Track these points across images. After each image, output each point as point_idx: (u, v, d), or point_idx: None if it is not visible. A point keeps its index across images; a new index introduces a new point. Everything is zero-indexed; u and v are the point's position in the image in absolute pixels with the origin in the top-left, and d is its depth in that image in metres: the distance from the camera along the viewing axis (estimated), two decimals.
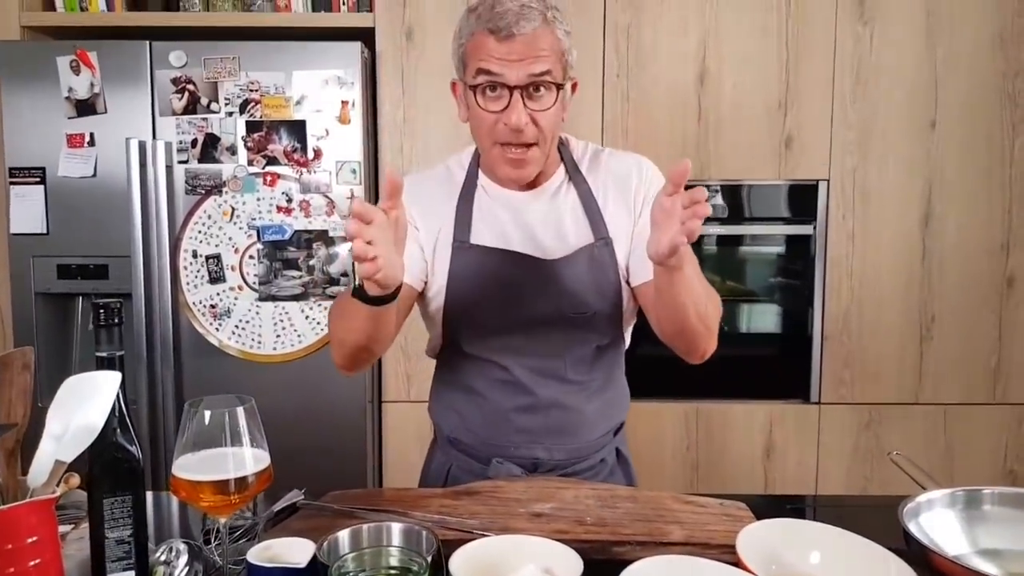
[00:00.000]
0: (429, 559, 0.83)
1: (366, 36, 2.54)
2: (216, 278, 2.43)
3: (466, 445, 1.46)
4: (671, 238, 1.07)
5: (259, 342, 2.44)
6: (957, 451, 2.62)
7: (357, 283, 1.13)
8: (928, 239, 2.60)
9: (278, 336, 2.44)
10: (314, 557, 0.96)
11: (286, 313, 2.44)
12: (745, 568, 0.97)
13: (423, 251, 1.40)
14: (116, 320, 0.98)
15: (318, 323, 2.44)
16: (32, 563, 0.88)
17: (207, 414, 0.99)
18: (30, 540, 0.88)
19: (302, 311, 2.44)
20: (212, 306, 2.44)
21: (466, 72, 1.32)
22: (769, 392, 2.66)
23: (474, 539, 1.04)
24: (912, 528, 1.08)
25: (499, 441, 1.42)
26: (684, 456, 2.62)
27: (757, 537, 1.05)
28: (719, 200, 2.60)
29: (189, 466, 0.98)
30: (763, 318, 2.72)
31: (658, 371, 2.53)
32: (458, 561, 0.97)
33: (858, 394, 2.63)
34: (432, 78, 2.55)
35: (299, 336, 2.45)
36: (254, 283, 2.44)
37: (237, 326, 2.44)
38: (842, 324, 2.62)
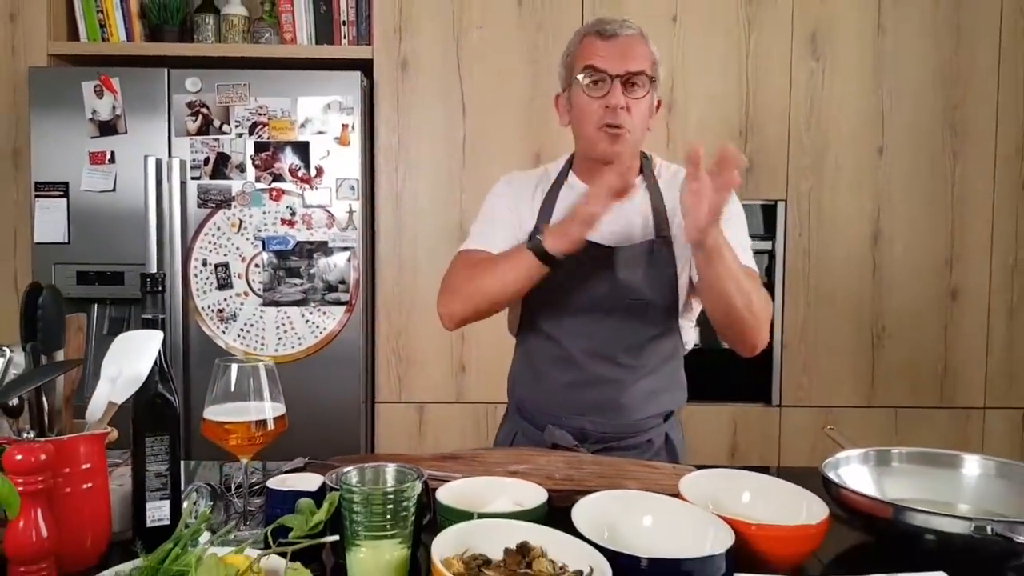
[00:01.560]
0: (420, 476, 1.02)
1: (365, 66, 2.75)
2: (224, 285, 2.62)
3: (528, 413, 1.67)
4: (698, 219, 1.28)
5: (262, 344, 2.62)
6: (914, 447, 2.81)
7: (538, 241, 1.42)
8: (878, 255, 2.81)
9: (280, 339, 2.63)
10: (323, 483, 1.15)
11: (288, 317, 2.63)
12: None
13: (516, 228, 1.62)
14: (160, 288, 1.19)
15: (317, 326, 2.63)
16: (85, 486, 1.07)
17: (234, 369, 1.19)
18: (84, 467, 1.07)
19: (302, 315, 2.63)
20: (220, 310, 2.62)
21: (573, 73, 1.55)
22: (733, 395, 2.85)
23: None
24: (831, 476, 1.26)
25: (553, 411, 1.62)
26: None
27: (697, 482, 1.23)
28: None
29: (218, 413, 1.18)
30: None
31: None
32: (444, 494, 1.16)
33: (816, 397, 2.82)
34: (424, 105, 2.76)
35: (299, 339, 2.63)
36: (259, 290, 2.63)
37: (242, 329, 2.63)
38: (800, 333, 2.82)
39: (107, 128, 2.59)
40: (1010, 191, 2.80)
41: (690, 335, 1.71)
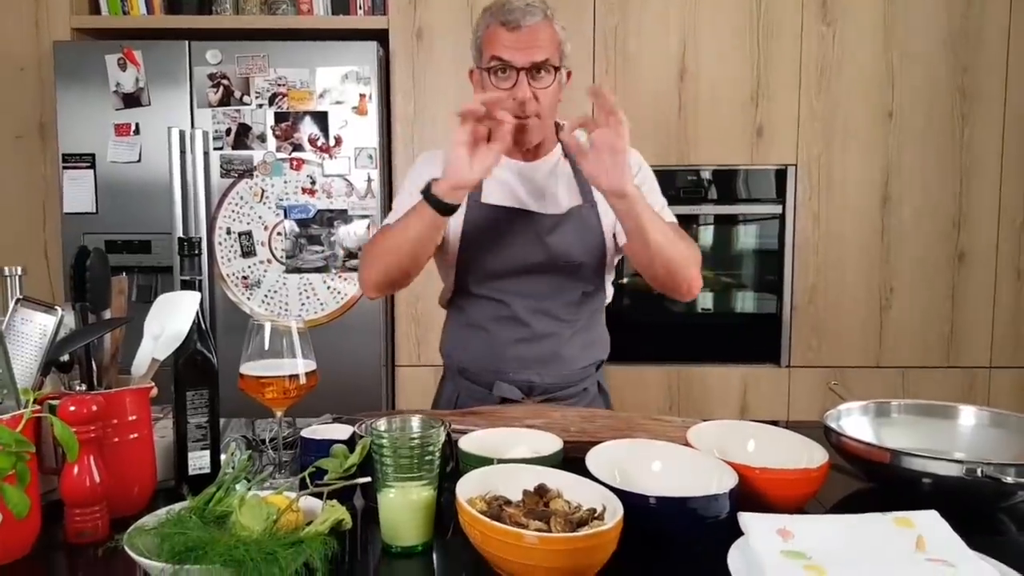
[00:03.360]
0: (444, 427, 1.09)
1: (381, 36, 2.79)
2: (248, 252, 2.70)
3: (472, 373, 1.73)
4: (602, 172, 1.37)
5: (286, 309, 2.71)
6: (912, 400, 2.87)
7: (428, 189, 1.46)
8: (886, 218, 2.85)
9: (303, 304, 2.71)
10: (353, 433, 1.23)
11: (310, 284, 2.71)
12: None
13: None
14: (197, 251, 1.26)
15: (338, 292, 2.71)
16: (132, 436, 1.15)
17: (268, 328, 1.26)
18: (131, 418, 1.15)
19: (324, 282, 2.71)
20: (244, 277, 2.70)
21: (482, 59, 1.59)
22: (743, 356, 2.91)
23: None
24: (832, 426, 1.32)
25: (500, 367, 1.69)
26: (665, 414, 2.86)
27: (705, 432, 1.29)
28: (702, 181, 2.86)
29: (255, 368, 1.25)
30: (738, 289, 2.97)
31: (642, 337, 2.79)
32: (465, 443, 1.23)
33: (824, 358, 2.87)
34: (440, 74, 2.81)
35: (321, 304, 2.71)
36: (281, 257, 2.70)
37: (266, 295, 2.71)
38: (809, 295, 2.87)
39: (131, 100, 2.65)
40: (1018, 153, 2.82)
41: (610, 289, 1.78)
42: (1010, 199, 2.83)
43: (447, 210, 1.46)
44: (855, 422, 1.40)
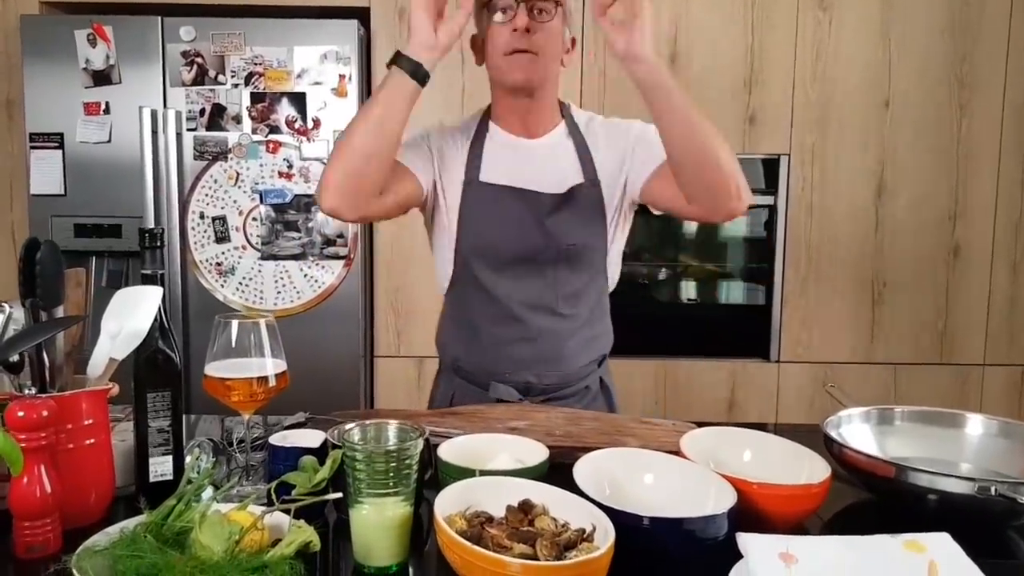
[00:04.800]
0: (422, 434, 1.02)
1: (362, 15, 2.71)
2: (222, 238, 2.61)
3: (467, 372, 1.65)
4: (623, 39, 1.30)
5: (261, 298, 2.62)
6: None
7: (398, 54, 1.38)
8: (881, 210, 2.80)
9: (279, 292, 2.63)
10: (324, 440, 1.15)
11: (286, 271, 2.62)
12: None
13: (435, 171, 1.58)
14: (158, 243, 1.18)
15: (315, 280, 2.63)
16: (88, 442, 1.07)
17: (235, 325, 1.18)
18: (87, 422, 1.07)
19: (301, 269, 2.63)
20: (218, 264, 2.62)
21: (484, 14, 1.50)
22: (732, 350, 2.86)
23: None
24: (832, 435, 1.26)
25: (496, 368, 1.60)
26: (653, 410, 2.82)
27: (698, 439, 1.24)
28: None
29: (220, 369, 1.17)
30: (727, 282, 2.91)
31: (630, 329, 2.72)
32: (445, 451, 1.17)
33: (815, 353, 2.83)
34: None
35: (298, 292, 2.63)
36: (256, 243, 2.62)
37: (241, 283, 2.62)
38: (800, 288, 2.82)
39: (101, 78, 2.55)
40: (1017, 146, 2.78)
41: (614, 272, 1.69)
42: (1007, 192, 2.78)
43: (418, 73, 1.37)
44: (856, 430, 1.34)
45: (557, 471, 1.10)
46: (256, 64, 2.56)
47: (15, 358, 1.09)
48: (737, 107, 2.75)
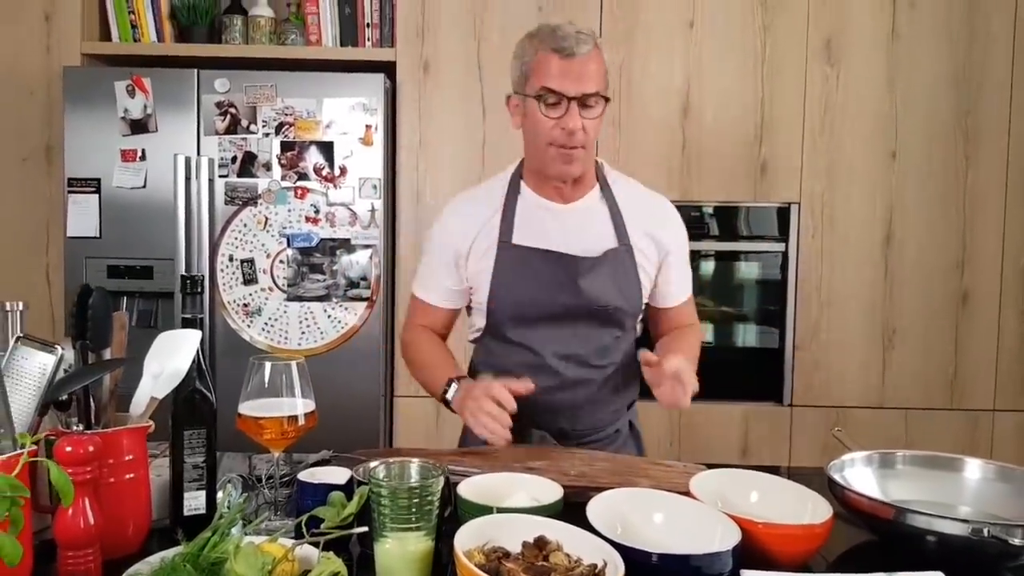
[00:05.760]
0: (443, 472, 1.08)
1: (388, 68, 2.81)
2: (249, 280, 2.69)
3: None
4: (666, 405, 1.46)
5: (286, 338, 2.69)
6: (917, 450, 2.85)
7: (450, 396, 1.59)
8: (890, 258, 2.84)
9: (303, 333, 2.70)
10: (351, 477, 1.21)
11: (311, 312, 2.70)
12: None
13: (460, 269, 1.66)
14: (199, 289, 1.25)
15: (339, 321, 2.70)
16: (128, 476, 1.14)
17: (268, 366, 1.25)
18: (127, 458, 1.14)
19: (325, 311, 2.70)
20: (245, 305, 2.70)
21: (528, 86, 1.55)
22: (745, 393, 2.89)
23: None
24: (835, 478, 1.30)
25: (530, 415, 1.61)
26: (668, 451, 2.85)
27: (707, 480, 1.29)
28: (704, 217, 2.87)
29: (253, 408, 1.24)
30: (740, 326, 2.96)
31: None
32: (464, 488, 1.22)
33: (827, 397, 2.86)
34: (445, 106, 2.82)
35: (322, 333, 2.70)
36: (283, 285, 2.70)
37: (267, 323, 2.70)
38: (812, 333, 2.86)
39: (138, 127, 2.66)
40: (1022, 195, 2.82)
41: (639, 326, 1.76)
42: (1013, 241, 2.83)
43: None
44: (859, 473, 1.39)
45: (571, 509, 1.15)
46: (287, 114, 2.66)
47: (64, 397, 1.16)
48: (749, 157, 2.82)
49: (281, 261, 2.69)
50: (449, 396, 1.58)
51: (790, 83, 2.81)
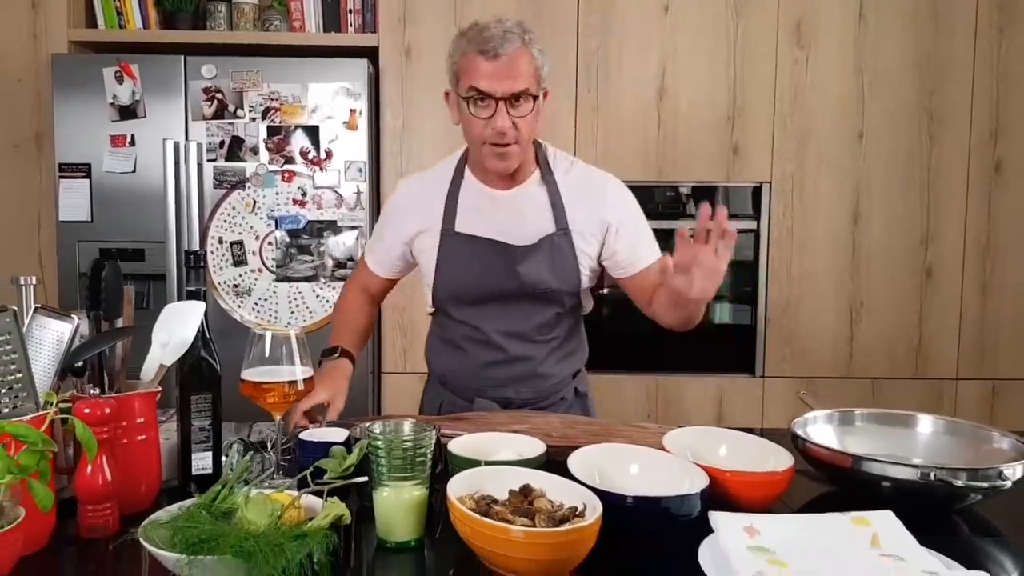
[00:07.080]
0: (435, 430, 1.16)
1: (371, 54, 2.87)
2: (239, 261, 2.76)
3: (452, 386, 1.80)
4: (698, 290, 1.44)
5: (276, 317, 2.77)
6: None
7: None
8: (857, 235, 2.95)
9: (292, 312, 2.77)
10: (348, 436, 1.30)
11: (299, 292, 2.77)
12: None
13: (406, 246, 1.75)
14: (201, 264, 1.33)
15: (327, 301, 2.77)
16: (139, 438, 1.22)
17: (268, 336, 1.33)
18: (139, 420, 1.22)
19: (313, 291, 2.78)
20: (235, 286, 2.77)
21: (459, 85, 1.58)
22: (719, 366, 3.00)
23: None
24: (799, 433, 1.40)
25: (478, 384, 1.74)
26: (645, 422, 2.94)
27: (680, 437, 1.37)
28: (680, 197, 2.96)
29: (255, 375, 1.32)
30: (715, 302, 3.06)
31: (621, 347, 2.86)
32: (454, 446, 1.31)
33: (797, 368, 2.97)
34: (427, 91, 2.89)
35: (311, 312, 2.78)
36: (272, 266, 2.77)
37: (257, 303, 2.77)
38: (783, 308, 2.97)
39: (127, 112, 2.71)
40: (983, 174, 2.94)
41: (588, 301, 1.82)
42: (975, 218, 2.94)
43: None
44: (820, 430, 1.48)
45: (553, 466, 1.22)
46: (273, 99, 2.72)
47: (79, 363, 1.24)
48: (722, 139, 2.91)
49: (270, 243, 2.76)
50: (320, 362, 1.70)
51: (761, 66, 2.90)
